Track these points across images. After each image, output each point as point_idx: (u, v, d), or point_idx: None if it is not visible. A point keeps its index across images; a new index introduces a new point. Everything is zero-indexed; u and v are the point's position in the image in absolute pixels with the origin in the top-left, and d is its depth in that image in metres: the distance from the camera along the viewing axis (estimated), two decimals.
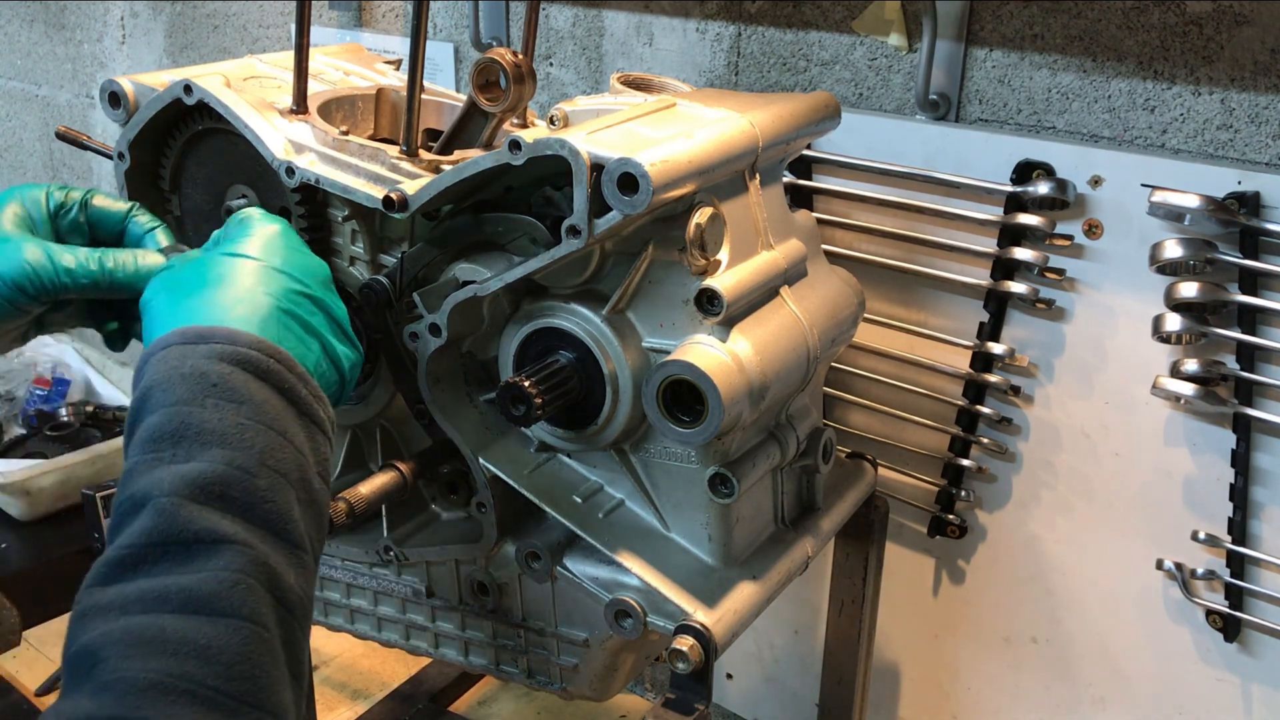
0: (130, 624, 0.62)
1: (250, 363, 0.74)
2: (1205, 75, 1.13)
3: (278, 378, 0.75)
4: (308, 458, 0.75)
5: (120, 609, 0.63)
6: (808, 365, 1.01)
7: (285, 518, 0.70)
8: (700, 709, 0.99)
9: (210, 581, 0.64)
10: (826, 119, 1.10)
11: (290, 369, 0.77)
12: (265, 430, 0.72)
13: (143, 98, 1.05)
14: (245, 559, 0.66)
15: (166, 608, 0.63)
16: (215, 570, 0.65)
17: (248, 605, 0.65)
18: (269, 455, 0.71)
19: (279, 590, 0.68)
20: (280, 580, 0.68)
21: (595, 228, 0.87)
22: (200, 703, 0.60)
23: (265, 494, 0.70)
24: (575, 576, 1.02)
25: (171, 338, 0.75)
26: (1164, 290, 1.13)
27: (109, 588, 0.65)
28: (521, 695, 1.79)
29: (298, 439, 0.75)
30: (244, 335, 0.76)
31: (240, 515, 0.68)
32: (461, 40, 1.72)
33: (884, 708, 1.51)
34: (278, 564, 0.68)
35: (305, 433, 0.76)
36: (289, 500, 0.71)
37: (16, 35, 2.55)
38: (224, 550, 0.66)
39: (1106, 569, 1.28)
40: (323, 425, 0.79)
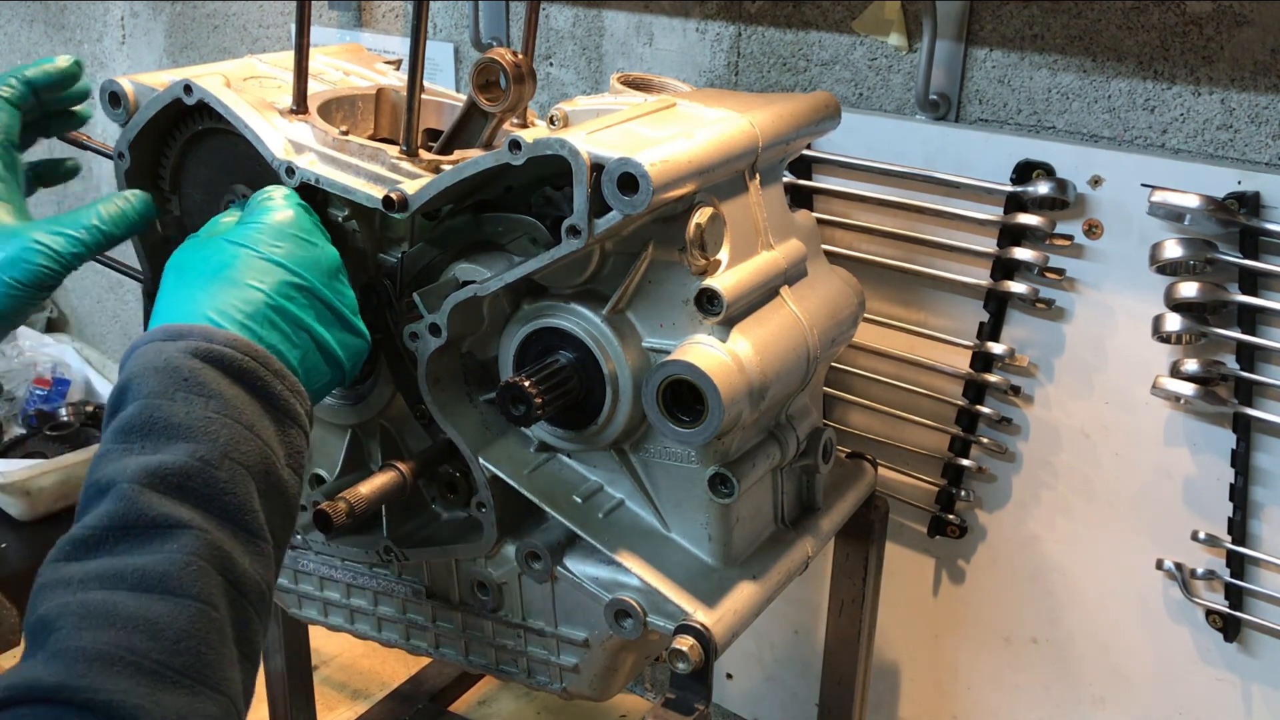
0: (86, 599, 0.66)
1: (222, 360, 0.78)
2: (1205, 75, 1.13)
3: (251, 375, 0.79)
4: (276, 451, 0.78)
5: (79, 584, 0.67)
6: (808, 365, 1.01)
7: (244, 508, 0.74)
8: (700, 709, 0.98)
9: (164, 562, 0.68)
10: (826, 119, 1.10)
11: (265, 366, 0.80)
12: (231, 424, 0.75)
13: (143, 98, 1.05)
14: (199, 543, 0.70)
15: (121, 585, 0.67)
16: (169, 552, 0.69)
17: (198, 585, 0.68)
18: (232, 448, 0.74)
19: (232, 574, 0.71)
20: (234, 565, 0.71)
21: (595, 228, 0.87)
22: (144, 674, 0.64)
23: (225, 485, 0.73)
24: (575, 576, 1.02)
25: (154, 334, 0.79)
26: (1164, 290, 1.13)
27: (71, 564, 0.69)
28: (521, 695, 1.79)
29: (266, 433, 0.78)
30: (220, 334, 0.79)
31: (198, 504, 0.72)
32: (461, 40, 1.72)
33: (884, 708, 1.51)
34: (233, 550, 0.72)
35: (277, 427, 0.79)
36: (249, 491, 0.74)
37: (16, 35, 2.55)
38: (179, 535, 0.70)
39: (1106, 569, 1.28)
40: (298, 420, 0.81)
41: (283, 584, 1.24)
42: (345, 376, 0.92)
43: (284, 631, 1.43)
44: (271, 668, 1.47)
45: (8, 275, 0.90)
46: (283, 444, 0.80)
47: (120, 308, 2.56)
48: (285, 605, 1.27)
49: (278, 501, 0.78)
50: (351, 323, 0.91)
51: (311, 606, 1.24)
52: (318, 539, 1.16)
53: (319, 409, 1.12)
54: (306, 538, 1.17)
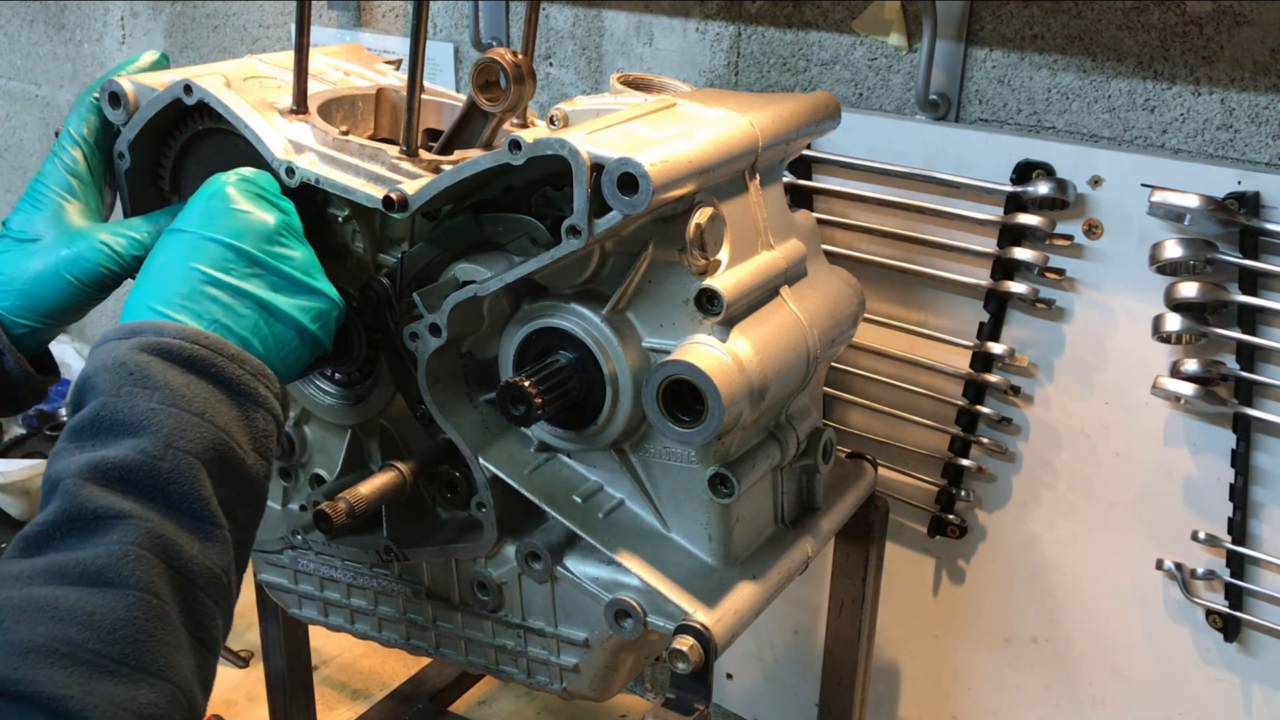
0: (30, 594, 0.68)
1: (171, 351, 0.79)
2: (1205, 75, 1.13)
3: (202, 362, 0.80)
4: (235, 435, 0.79)
5: (26, 579, 0.69)
6: (808, 365, 1.01)
7: (190, 495, 0.75)
8: (700, 709, 0.99)
9: (103, 554, 0.70)
10: (826, 119, 1.10)
11: (218, 351, 0.81)
12: (177, 413, 0.77)
13: (143, 98, 1.04)
14: (139, 532, 0.71)
15: (64, 580, 0.69)
16: (109, 544, 0.71)
17: (136, 574, 0.70)
18: (177, 437, 0.76)
19: (177, 561, 0.73)
20: (179, 551, 0.73)
21: (595, 228, 0.87)
22: (79, 664, 0.65)
23: (169, 475, 0.74)
24: (575, 576, 1.02)
25: (110, 333, 0.82)
26: (1164, 290, 1.13)
27: (20, 561, 0.71)
28: (521, 695, 1.79)
29: (222, 418, 0.79)
30: (172, 327, 0.81)
31: (140, 495, 0.73)
32: (461, 40, 1.72)
33: (884, 708, 1.51)
34: (177, 537, 0.73)
35: (239, 410, 0.80)
36: (197, 478, 0.76)
37: (16, 35, 2.55)
38: (119, 525, 0.71)
39: (1106, 569, 1.28)
40: (261, 402, 0.82)
41: (283, 584, 1.24)
42: (321, 342, 0.91)
43: (284, 631, 1.43)
44: (271, 668, 1.47)
45: (68, 272, 0.94)
46: (245, 427, 0.81)
47: (120, 308, 2.56)
48: (285, 605, 1.27)
49: (237, 485, 0.79)
50: (304, 283, 0.90)
51: (311, 606, 1.24)
52: (318, 539, 1.16)
53: (319, 409, 1.12)
54: (306, 538, 1.17)
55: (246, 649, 1.87)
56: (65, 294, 0.94)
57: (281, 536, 1.17)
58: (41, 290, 0.94)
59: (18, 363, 0.94)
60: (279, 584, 1.24)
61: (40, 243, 0.95)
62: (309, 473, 1.17)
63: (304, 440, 1.16)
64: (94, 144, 1.03)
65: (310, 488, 1.17)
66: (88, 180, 1.01)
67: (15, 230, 0.96)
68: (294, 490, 1.20)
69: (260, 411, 0.82)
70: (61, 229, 0.96)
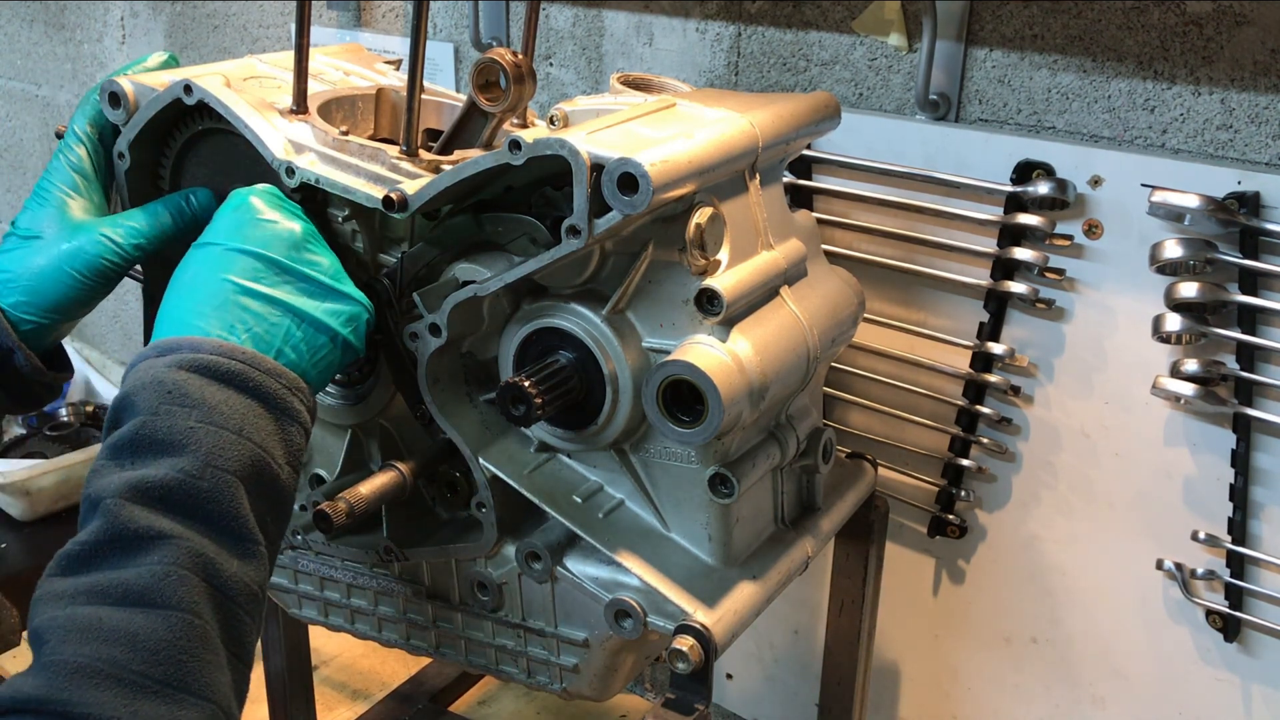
0: (73, 613, 0.70)
1: (208, 368, 0.80)
2: (1205, 75, 1.13)
3: (240, 377, 0.81)
4: (270, 450, 0.81)
5: (69, 598, 0.71)
6: (808, 365, 1.01)
7: (229, 514, 0.76)
8: (700, 709, 0.99)
9: (145, 575, 0.71)
10: (826, 119, 1.10)
11: (256, 366, 0.82)
12: (215, 431, 0.78)
13: (143, 98, 1.04)
14: (180, 552, 0.73)
15: (107, 600, 0.70)
16: (150, 565, 0.72)
17: (179, 595, 0.71)
18: (215, 456, 0.77)
19: (217, 580, 0.74)
20: (219, 570, 0.74)
21: (595, 228, 0.87)
22: (124, 685, 0.67)
23: (208, 493, 0.76)
24: (575, 576, 1.02)
25: (148, 351, 0.83)
26: (1164, 290, 1.13)
27: (63, 579, 0.72)
28: (521, 695, 1.79)
29: (258, 434, 0.80)
30: (209, 343, 0.82)
31: (180, 514, 0.75)
32: (461, 40, 1.72)
33: (884, 708, 1.51)
34: (217, 556, 0.75)
35: (275, 424, 0.82)
36: (236, 496, 0.77)
37: (16, 35, 2.55)
38: (161, 546, 0.73)
39: (1106, 569, 1.28)
40: (296, 416, 0.84)
41: (283, 584, 1.24)
42: (354, 346, 0.92)
43: (284, 631, 1.43)
44: (271, 668, 1.47)
45: (69, 266, 0.95)
46: (280, 442, 0.82)
47: (120, 308, 2.56)
48: (285, 605, 1.27)
49: (271, 500, 0.80)
50: (334, 288, 0.91)
51: (311, 607, 1.24)
52: (318, 539, 1.16)
53: (319, 409, 1.12)
54: (306, 538, 1.17)
55: None
56: (68, 288, 0.95)
57: None
58: (45, 285, 0.95)
59: (28, 359, 0.95)
60: (279, 584, 1.24)
61: (43, 239, 0.96)
62: (309, 473, 1.17)
63: None
64: (99, 141, 1.03)
65: (310, 488, 1.17)
66: (92, 177, 1.02)
67: (22, 229, 0.97)
68: None
69: (294, 425, 0.83)
70: (64, 224, 0.97)
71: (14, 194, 2.74)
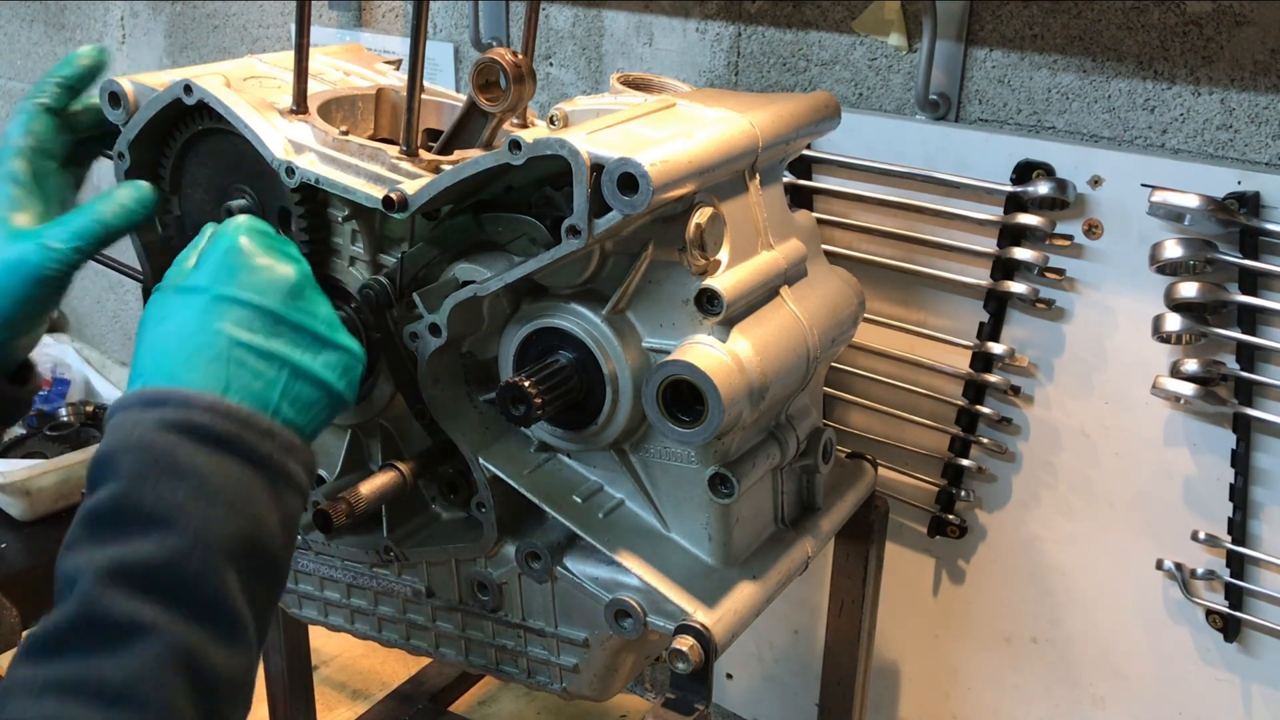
0: (44, 710, 0.65)
1: (200, 430, 0.74)
2: (1205, 75, 1.13)
3: (234, 442, 0.75)
4: (266, 520, 0.75)
5: (40, 690, 0.65)
6: (808, 365, 1.01)
7: (217, 599, 0.71)
8: (700, 709, 0.99)
9: (122, 672, 0.66)
10: (826, 119, 1.10)
11: (251, 427, 0.76)
12: (206, 507, 0.72)
13: (143, 98, 1.04)
14: (161, 646, 0.67)
15: (81, 695, 0.65)
16: (129, 659, 0.67)
17: (159, 696, 0.66)
18: (206, 532, 0.71)
19: (201, 674, 0.69)
20: (203, 663, 0.69)
21: (595, 228, 0.87)
22: None
23: (196, 576, 0.70)
24: (575, 576, 1.02)
25: (131, 399, 0.76)
26: (1164, 290, 1.13)
27: (36, 666, 0.67)
28: (521, 695, 1.79)
29: (254, 504, 0.75)
30: (200, 398, 0.76)
31: (164, 600, 0.69)
32: (461, 40, 1.72)
33: (884, 708, 1.51)
34: (201, 646, 0.69)
35: (270, 492, 0.76)
36: (224, 578, 0.72)
37: (16, 35, 2.55)
38: (141, 638, 0.67)
39: (1106, 569, 1.28)
40: (292, 478, 0.78)
41: None
42: (344, 397, 0.86)
43: (284, 631, 1.43)
44: (271, 668, 1.47)
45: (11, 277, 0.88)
46: (275, 510, 0.76)
47: (120, 308, 2.56)
48: (285, 605, 1.26)
49: (263, 573, 0.75)
50: (328, 338, 0.85)
51: (311, 606, 1.24)
52: (318, 539, 1.16)
53: None
54: (306, 538, 1.17)
55: None
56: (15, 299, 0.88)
57: None
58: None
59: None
60: None
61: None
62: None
63: None
64: (40, 150, 0.97)
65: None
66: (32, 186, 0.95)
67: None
68: None
69: (291, 490, 0.78)
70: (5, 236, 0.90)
71: None
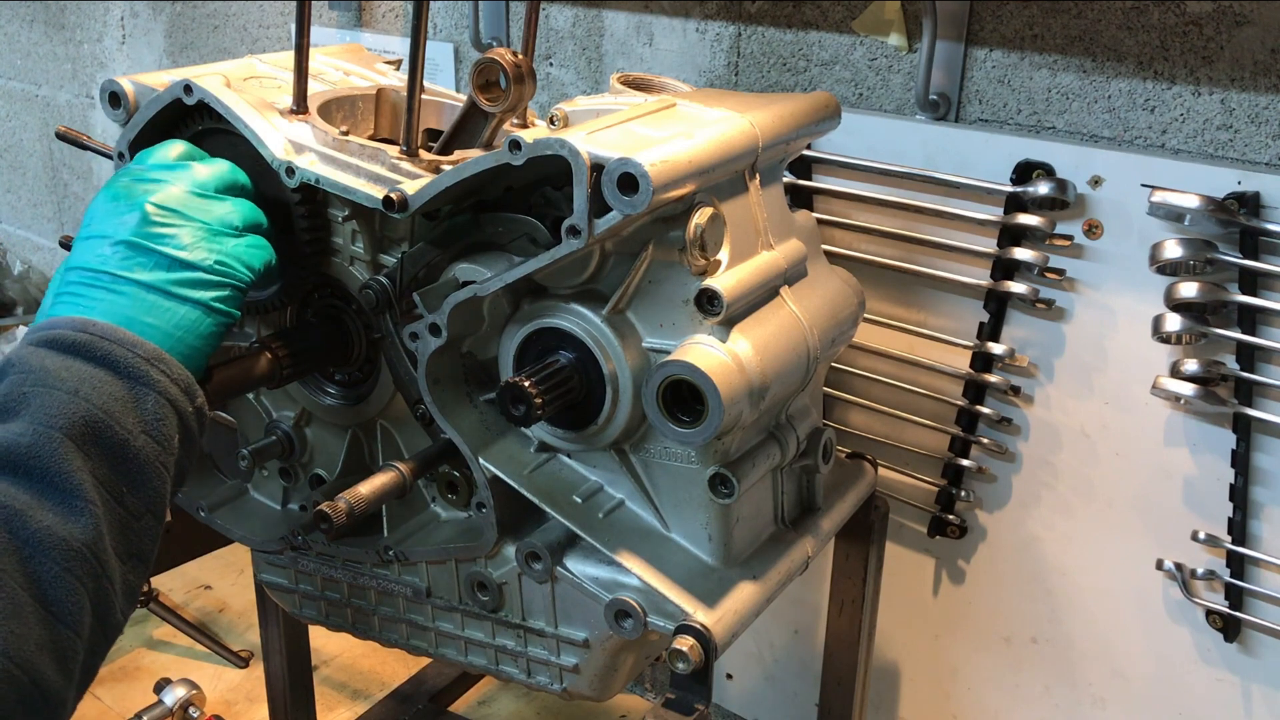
0: None
1: (57, 341, 0.81)
2: (1205, 75, 1.13)
3: (85, 346, 0.81)
4: (114, 414, 0.79)
5: None
6: (808, 365, 1.01)
7: (51, 469, 0.75)
8: (700, 709, 0.99)
9: None
10: (826, 119, 1.10)
11: (106, 337, 0.82)
12: (47, 393, 0.78)
13: (143, 98, 1.04)
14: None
15: None
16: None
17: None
18: (41, 413, 0.77)
19: (23, 532, 0.73)
20: (27, 522, 0.73)
21: (595, 228, 0.87)
22: None
23: (27, 448, 0.75)
24: (575, 576, 1.02)
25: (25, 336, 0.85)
26: (1164, 290, 1.13)
27: None
28: (521, 695, 1.79)
29: (99, 396, 0.79)
30: (65, 320, 0.84)
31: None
32: (461, 40, 1.72)
33: (884, 708, 1.51)
34: (26, 508, 0.73)
35: (126, 390, 0.81)
36: (60, 453, 0.76)
37: (16, 35, 2.55)
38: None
39: (1106, 569, 1.28)
40: (153, 384, 0.83)
41: (283, 584, 1.24)
42: (227, 314, 0.91)
43: (284, 631, 1.43)
44: (271, 668, 1.47)
45: None
46: (132, 409, 0.80)
47: None
48: (285, 605, 1.27)
49: (117, 464, 0.79)
50: (186, 260, 0.89)
51: (312, 607, 1.24)
52: (318, 539, 1.16)
53: (320, 410, 1.13)
54: (307, 538, 1.17)
55: (246, 649, 1.87)
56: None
57: (282, 536, 1.17)
58: None
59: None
60: (279, 584, 1.24)
61: None
62: (309, 473, 1.17)
63: (304, 440, 1.16)
64: None
65: (310, 488, 1.17)
66: None
67: None
68: (294, 490, 1.20)
69: (152, 394, 0.82)
70: None
71: (14, 194, 2.74)
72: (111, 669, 1.85)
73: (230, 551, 2.13)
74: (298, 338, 1.06)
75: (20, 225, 2.76)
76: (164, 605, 1.89)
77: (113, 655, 1.86)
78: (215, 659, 1.86)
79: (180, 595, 2.03)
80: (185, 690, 1.63)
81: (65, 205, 2.61)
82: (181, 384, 0.85)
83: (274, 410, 1.17)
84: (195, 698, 1.64)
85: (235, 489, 1.23)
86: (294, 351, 1.04)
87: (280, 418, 1.16)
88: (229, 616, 1.98)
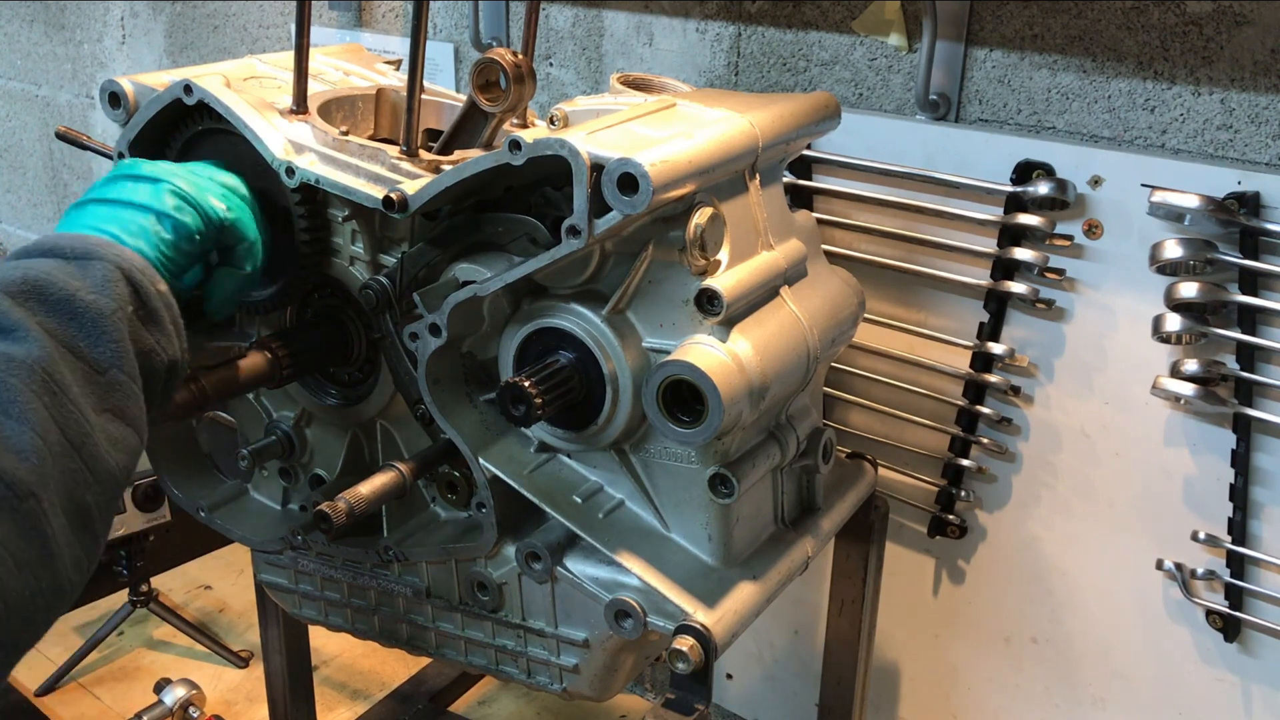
0: None
1: (20, 251, 0.83)
2: (1205, 75, 1.13)
3: (37, 246, 0.83)
4: (55, 276, 0.80)
5: None
6: (808, 365, 1.01)
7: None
8: (700, 709, 0.99)
9: None
10: (826, 119, 1.10)
11: (64, 237, 0.84)
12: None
13: (143, 98, 1.04)
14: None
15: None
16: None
17: None
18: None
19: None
20: None
21: (595, 228, 0.87)
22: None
23: None
24: (575, 576, 1.02)
25: None
26: (1164, 290, 1.13)
27: None
28: (521, 695, 1.79)
29: (39, 267, 0.80)
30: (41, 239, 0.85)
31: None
32: (461, 40, 1.72)
33: (884, 708, 1.51)
34: None
35: (70, 264, 0.82)
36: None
37: (16, 35, 2.55)
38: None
39: (1106, 569, 1.28)
40: (98, 256, 0.83)
41: (283, 584, 1.24)
42: (164, 212, 0.91)
43: (284, 631, 1.43)
44: (271, 668, 1.47)
45: None
46: (76, 274, 0.81)
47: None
48: (285, 605, 1.27)
49: (64, 317, 0.79)
50: (142, 175, 0.92)
51: (312, 607, 1.24)
52: (318, 539, 1.16)
53: (320, 410, 1.13)
54: (307, 538, 1.17)
55: (246, 649, 1.87)
56: None
57: (281, 536, 1.17)
58: None
59: None
60: (279, 584, 1.25)
61: None
62: (309, 473, 1.17)
63: (304, 440, 1.16)
64: None
65: (310, 488, 1.17)
66: None
67: None
68: (294, 490, 1.20)
69: (98, 263, 0.82)
70: None
71: (14, 194, 2.74)
72: (111, 669, 1.85)
73: (230, 551, 2.13)
74: (297, 338, 1.06)
75: (20, 225, 2.76)
76: (164, 605, 1.89)
77: (113, 655, 1.86)
78: (215, 659, 1.86)
79: (180, 595, 2.03)
80: (185, 690, 1.63)
81: (65, 205, 2.61)
82: (135, 262, 0.85)
83: (274, 410, 1.17)
84: (195, 698, 1.64)
85: (235, 489, 1.23)
86: (294, 351, 1.04)
87: (280, 418, 1.16)
88: (229, 616, 1.98)
